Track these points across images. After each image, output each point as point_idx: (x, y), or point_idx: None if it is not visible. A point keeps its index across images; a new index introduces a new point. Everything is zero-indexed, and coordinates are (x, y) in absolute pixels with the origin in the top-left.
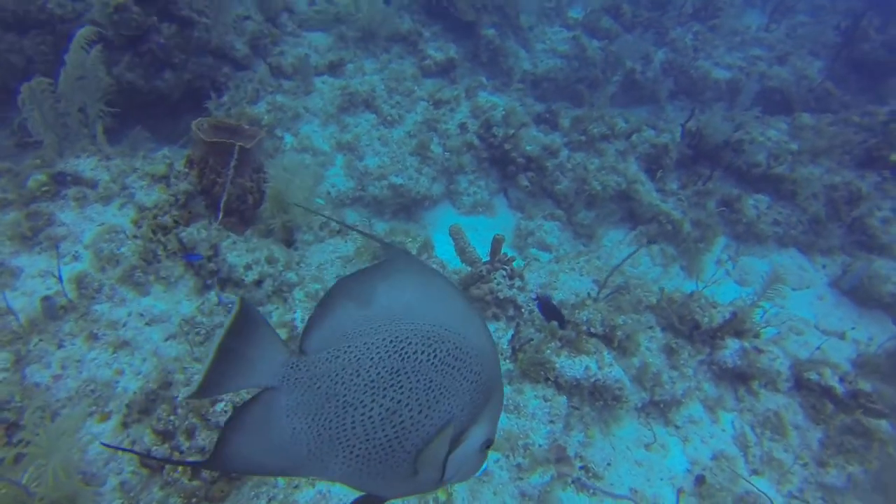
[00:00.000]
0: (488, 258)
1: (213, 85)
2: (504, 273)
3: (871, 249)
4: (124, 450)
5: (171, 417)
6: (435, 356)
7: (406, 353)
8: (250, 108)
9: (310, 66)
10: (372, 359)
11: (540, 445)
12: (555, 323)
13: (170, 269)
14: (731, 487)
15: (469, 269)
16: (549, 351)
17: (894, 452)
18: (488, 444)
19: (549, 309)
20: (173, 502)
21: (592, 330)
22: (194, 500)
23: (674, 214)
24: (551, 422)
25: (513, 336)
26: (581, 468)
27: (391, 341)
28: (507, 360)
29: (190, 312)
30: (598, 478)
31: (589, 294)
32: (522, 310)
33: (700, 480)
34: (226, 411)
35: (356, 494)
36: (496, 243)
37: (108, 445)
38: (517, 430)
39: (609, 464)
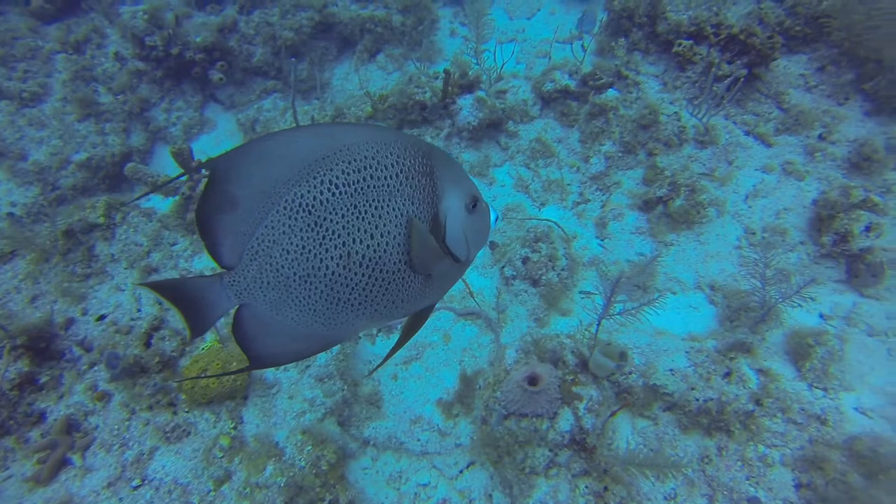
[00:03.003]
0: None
1: None
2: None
3: None
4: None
5: None
6: (335, 187)
7: (305, 205)
8: None
9: None
10: (283, 232)
11: None
12: None
13: None
14: (518, 234)
15: None
16: None
17: (624, 112)
18: (475, 201)
19: None
20: None
21: None
22: None
23: (378, 14)
24: None
25: None
26: None
27: (285, 209)
28: None
29: None
30: None
31: None
32: None
33: (493, 246)
34: None
35: None
36: (176, 156)
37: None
38: None
39: None
